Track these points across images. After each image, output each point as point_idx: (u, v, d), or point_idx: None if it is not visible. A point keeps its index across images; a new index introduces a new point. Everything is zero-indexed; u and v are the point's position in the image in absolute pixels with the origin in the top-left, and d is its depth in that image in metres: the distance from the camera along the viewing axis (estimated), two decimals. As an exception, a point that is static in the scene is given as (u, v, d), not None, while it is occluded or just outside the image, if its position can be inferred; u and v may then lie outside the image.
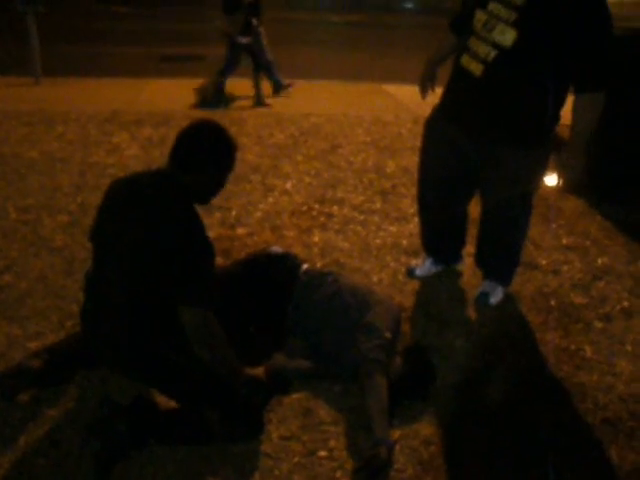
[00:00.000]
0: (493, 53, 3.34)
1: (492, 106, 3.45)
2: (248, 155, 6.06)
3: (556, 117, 3.54)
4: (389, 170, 5.95)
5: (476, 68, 3.42)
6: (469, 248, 4.29)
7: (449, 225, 4.12)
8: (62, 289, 3.87)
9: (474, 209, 4.18)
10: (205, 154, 2.76)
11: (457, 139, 3.64)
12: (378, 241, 4.65)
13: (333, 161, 6.10)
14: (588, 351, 3.66)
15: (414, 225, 4.71)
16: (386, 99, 9.01)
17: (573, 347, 3.69)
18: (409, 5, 19.77)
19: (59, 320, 3.58)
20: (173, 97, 8.41)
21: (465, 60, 3.49)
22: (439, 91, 3.86)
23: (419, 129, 3.97)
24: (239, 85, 8.61)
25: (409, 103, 8.38)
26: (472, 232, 4.22)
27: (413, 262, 4.32)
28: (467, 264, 4.32)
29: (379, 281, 4.13)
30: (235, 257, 4.26)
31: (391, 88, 9.44)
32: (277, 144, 6.44)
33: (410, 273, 4.25)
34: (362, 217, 5.00)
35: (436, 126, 3.80)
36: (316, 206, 5.14)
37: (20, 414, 2.94)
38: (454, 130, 3.64)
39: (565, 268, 4.49)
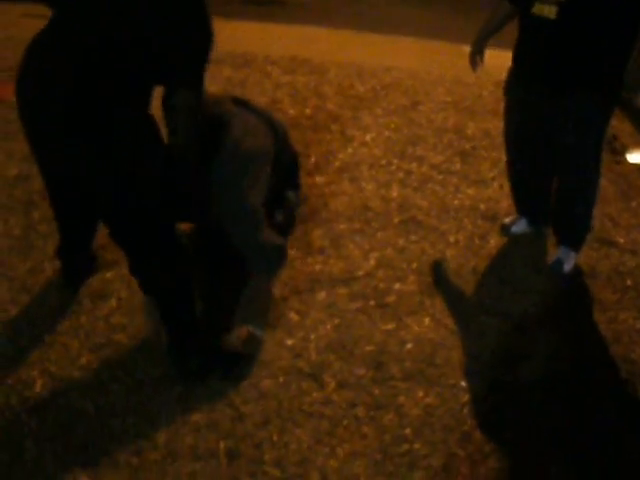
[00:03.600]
0: None
1: (570, 47, 3.36)
2: (328, 104, 5.99)
3: (625, 63, 3.44)
4: (469, 132, 5.85)
5: (550, 11, 3.31)
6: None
7: (539, 187, 4.07)
8: None
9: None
10: None
11: (531, 96, 3.64)
12: (456, 202, 4.60)
13: (413, 118, 6.01)
14: (664, 334, 3.61)
15: (492, 190, 4.66)
16: (467, 60, 8.81)
17: (648, 329, 3.64)
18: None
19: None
20: (254, 40, 8.35)
21: (537, 8, 3.38)
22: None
23: (500, 92, 3.97)
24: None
25: (490, 66, 8.22)
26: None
27: (507, 220, 4.28)
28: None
29: (455, 242, 4.10)
30: (313, 205, 4.27)
31: (473, 49, 9.26)
32: (358, 95, 6.35)
33: (505, 230, 4.22)
34: (441, 177, 4.93)
35: (512, 88, 3.83)
36: (395, 161, 5.09)
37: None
38: (528, 88, 3.65)
39: (644, 248, 4.40)
